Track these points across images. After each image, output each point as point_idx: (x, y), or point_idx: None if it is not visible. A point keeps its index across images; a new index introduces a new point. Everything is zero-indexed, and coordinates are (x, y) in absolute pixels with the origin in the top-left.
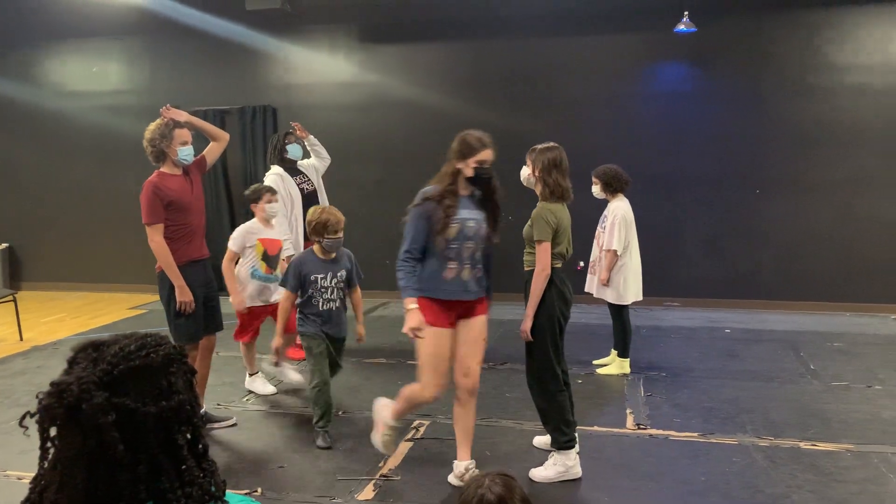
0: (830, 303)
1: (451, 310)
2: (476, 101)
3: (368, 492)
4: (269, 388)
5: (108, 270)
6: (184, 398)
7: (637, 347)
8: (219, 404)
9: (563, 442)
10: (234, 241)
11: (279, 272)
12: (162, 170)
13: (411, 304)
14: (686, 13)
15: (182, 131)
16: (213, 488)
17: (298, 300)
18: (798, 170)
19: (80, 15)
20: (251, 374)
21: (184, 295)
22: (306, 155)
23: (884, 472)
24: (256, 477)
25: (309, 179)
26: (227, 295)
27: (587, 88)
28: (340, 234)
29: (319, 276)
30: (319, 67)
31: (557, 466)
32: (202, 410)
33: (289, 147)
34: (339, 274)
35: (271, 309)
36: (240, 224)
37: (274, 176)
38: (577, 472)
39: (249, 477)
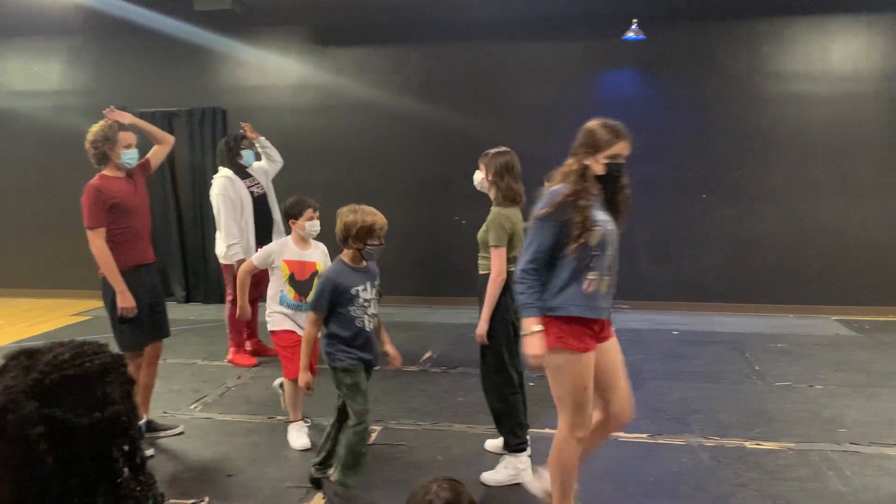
0: (774, 305)
1: (590, 329)
2: (428, 104)
3: (318, 499)
4: (303, 441)
5: (50, 275)
6: (119, 409)
7: None
8: (165, 412)
9: (515, 445)
10: (258, 256)
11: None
12: (104, 172)
13: (535, 325)
14: (635, 21)
15: (126, 134)
16: (150, 502)
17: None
18: (743, 175)
19: (19, 12)
20: (291, 422)
21: (125, 301)
22: (257, 157)
23: (824, 470)
24: (204, 486)
25: (258, 183)
26: (175, 301)
27: (538, 93)
28: (383, 240)
29: (360, 288)
30: (270, 69)
31: (509, 469)
32: (144, 419)
33: (244, 153)
34: (376, 284)
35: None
36: (187, 228)
37: (223, 179)
38: (529, 475)
39: (197, 486)
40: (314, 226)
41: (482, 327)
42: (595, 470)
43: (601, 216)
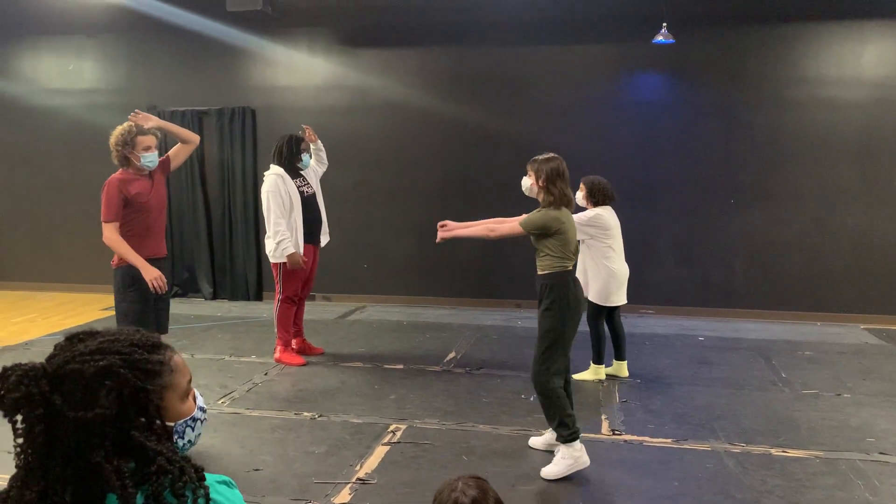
0: (801, 312)
1: None
2: (455, 105)
3: (345, 495)
4: None
5: (80, 270)
6: (104, 413)
7: (612, 354)
8: None
9: (566, 435)
10: None
11: None
12: (127, 170)
13: None
14: (665, 24)
15: (145, 138)
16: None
17: None
18: (771, 180)
19: (54, 12)
20: None
21: (149, 272)
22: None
23: (851, 479)
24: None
25: (308, 183)
26: (203, 297)
27: (566, 95)
28: None
29: None
30: (299, 69)
31: (566, 460)
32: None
33: (303, 156)
34: None
35: None
36: (214, 226)
37: (274, 176)
38: (586, 460)
39: None
40: None
41: (447, 234)
42: (621, 473)
43: None
